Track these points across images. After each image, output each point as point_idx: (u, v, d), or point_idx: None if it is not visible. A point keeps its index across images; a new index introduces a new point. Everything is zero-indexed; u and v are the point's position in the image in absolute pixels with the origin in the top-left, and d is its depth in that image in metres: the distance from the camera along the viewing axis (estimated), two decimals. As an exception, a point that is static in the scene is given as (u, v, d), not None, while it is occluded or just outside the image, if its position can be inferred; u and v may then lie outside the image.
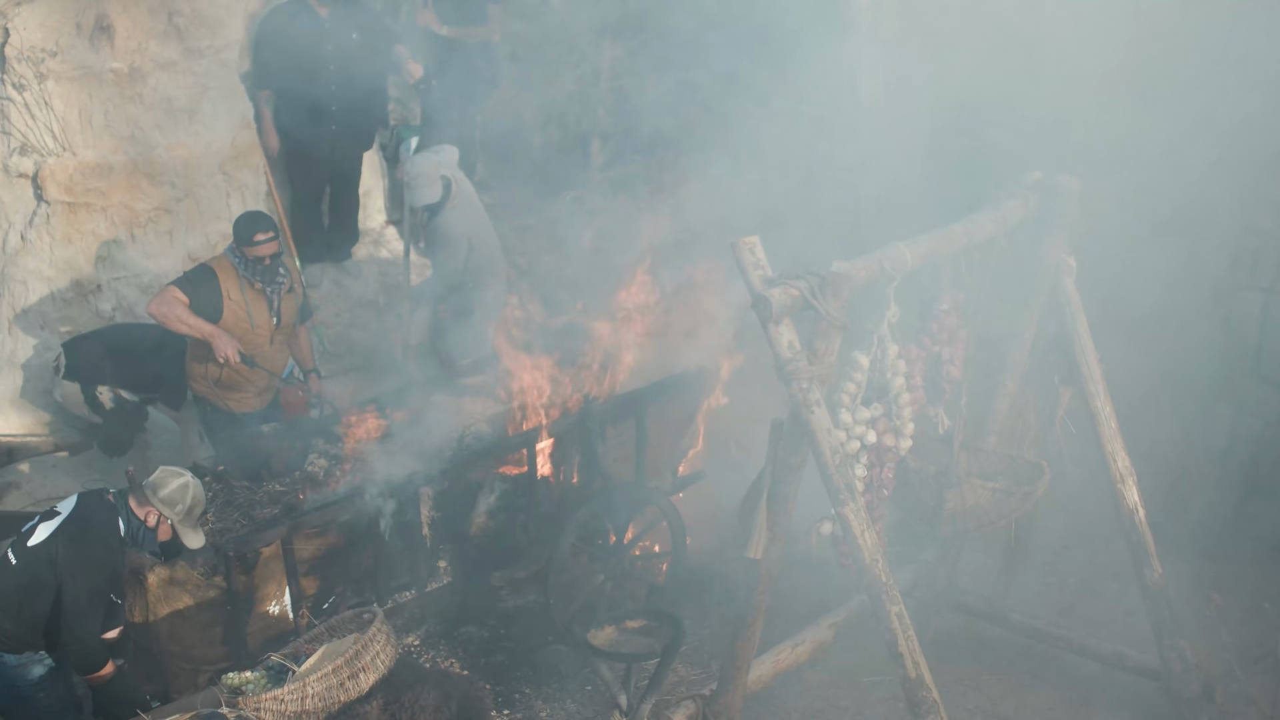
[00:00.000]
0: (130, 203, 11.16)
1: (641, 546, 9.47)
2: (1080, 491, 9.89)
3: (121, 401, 10.21)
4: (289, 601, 8.22)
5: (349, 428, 9.12)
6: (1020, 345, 8.16)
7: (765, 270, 6.74)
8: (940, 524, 7.65)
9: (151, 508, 7.46)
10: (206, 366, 9.64)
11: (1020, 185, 7.76)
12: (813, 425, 6.81)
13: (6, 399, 10.85)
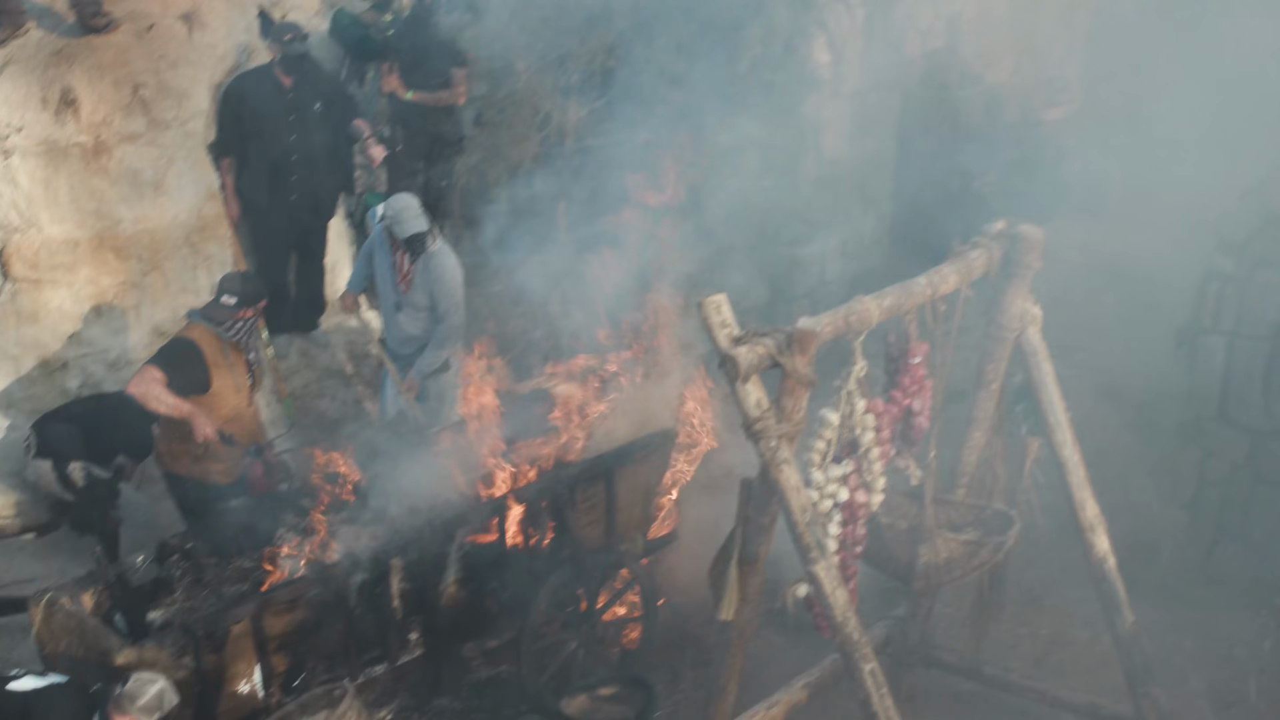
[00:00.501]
0: (96, 278, 11.13)
1: (613, 612, 9.44)
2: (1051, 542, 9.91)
3: (94, 479, 10.15)
4: (259, 679, 8.16)
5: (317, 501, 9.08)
6: (987, 395, 8.17)
7: (732, 329, 6.75)
8: (914, 579, 7.64)
9: (130, 716, 7.34)
10: (186, 445, 9.61)
11: (984, 235, 7.79)
12: (782, 484, 6.81)
13: (-29, 481, 10.80)
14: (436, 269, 10.85)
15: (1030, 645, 9.73)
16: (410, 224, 10.64)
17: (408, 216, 10.66)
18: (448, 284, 10.91)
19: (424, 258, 10.81)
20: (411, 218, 10.66)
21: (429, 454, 9.68)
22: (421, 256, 10.80)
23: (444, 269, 10.87)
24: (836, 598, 6.91)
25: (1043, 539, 9.35)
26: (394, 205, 10.77)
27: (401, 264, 10.89)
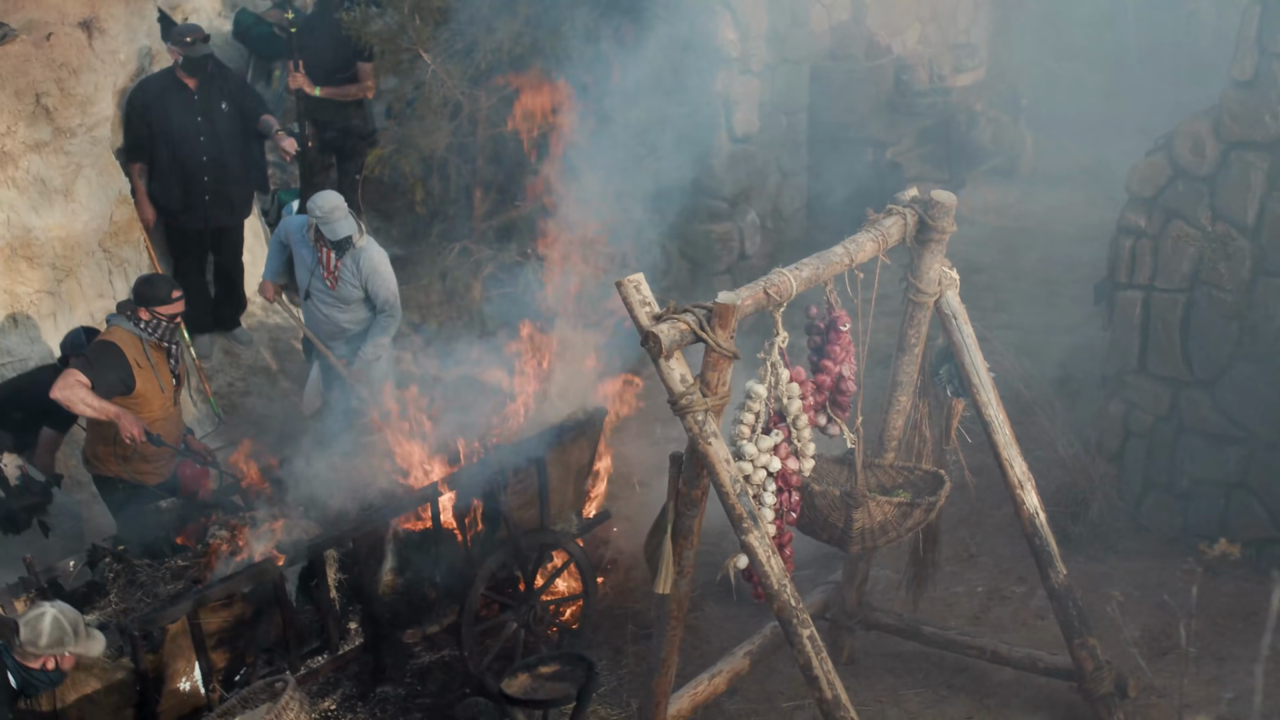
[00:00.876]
0: (10, 287, 11.02)
1: (551, 591, 9.46)
2: (981, 500, 10.03)
3: (27, 480, 10.05)
4: (199, 677, 8.12)
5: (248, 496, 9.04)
6: (910, 360, 8.23)
7: (652, 306, 6.77)
8: (850, 543, 7.70)
9: (46, 656, 7.16)
10: (112, 447, 9.56)
11: (897, 203, 7.84)
12: (711, 457, 6.84)
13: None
14: (368, 264, 10.84)
15: (967, 603, 9.83)
16: (340, 226, 10.60)
17: (337, 218, 10.62)
18: (382, 275, 10.93)
19: (352, 253, 10.77)
20: (340, 219, 10.62)
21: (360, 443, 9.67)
22: (349, 252, 10.76)
23: (375, 262, 10.88)
24: (772, 566, 6.95)
25: (973, 498, 9.47)
26: (322, 206, 10.69)
27: (328, 260, 10.83)
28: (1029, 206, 16.03)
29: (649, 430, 11.66)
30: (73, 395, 9.22)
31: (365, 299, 10.97)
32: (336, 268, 10.84)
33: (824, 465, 7.97)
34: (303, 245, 10.97)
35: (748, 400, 7.16)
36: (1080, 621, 8.28)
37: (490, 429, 9.64)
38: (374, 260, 10.86)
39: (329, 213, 10.61)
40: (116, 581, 8.50)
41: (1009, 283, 14.14)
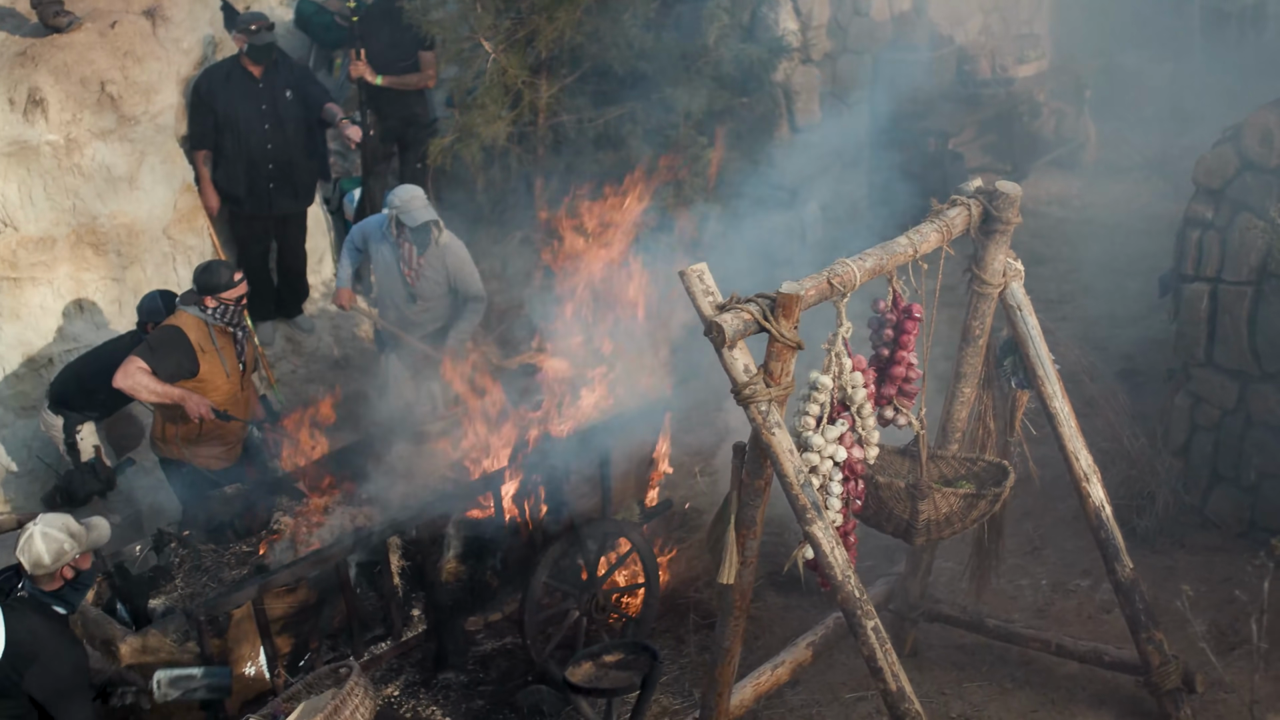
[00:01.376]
0: (76, 274, 11.12)
1: (614, 580, 9.46)
2: (1046, 493, 9.95)
3: (99, 462, 10.14)
4: (264, 661, 8.17)
5: (313, 483, 9.08)
6: (974, 351, 8.18)
7: (715, 296, 6.75)
8: (915, 535, 7.66)
9: (62, 568, 7.16)
10: (178, 428, 9.63)
11: (962, 194, 7.79)
12: (774, 447, 6.81)
13: (-35, 479, 10.80)
14: (454, 258, 10.95)
15: (1031, 595, 9.77)
16: (420, 213, 10.67)
17: (416, 206, 10.69)
18: (470, 267, 11.09)
19: (434, 250, 10.83)
20: (420, 207, 10.69)
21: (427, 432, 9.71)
22: (430, 249, 10.82)
23: (460, 256, 11.01)
24: (835, 556, 6.92)
25: (1037, 490, 9.40)
26: (400, 196, 10.76)
27: (410, 256, 10.88)
28: (1092, 198, 15.91)
29: (711, 419, 11.64)
30: (135, 383, 9.29)
31: (444, 295, 11.01)
32: (419, 264, 10.88)
33: (886, 457, 7.94)
34: (383, 242, 11.00)
35: (813, 391, 7.12)
36: (1146, 615, 8.21)
37: (552, 417, 9.64)
38: (459, 254, 10.96)
39: (407, 201, 10.67)
40: (182, 566, 8.56)
41: (1072, 275, 14.03)
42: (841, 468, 7.19)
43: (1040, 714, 8.61)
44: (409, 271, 10.88)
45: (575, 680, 6.96)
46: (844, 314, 7.06)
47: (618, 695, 6.91)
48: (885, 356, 7.60)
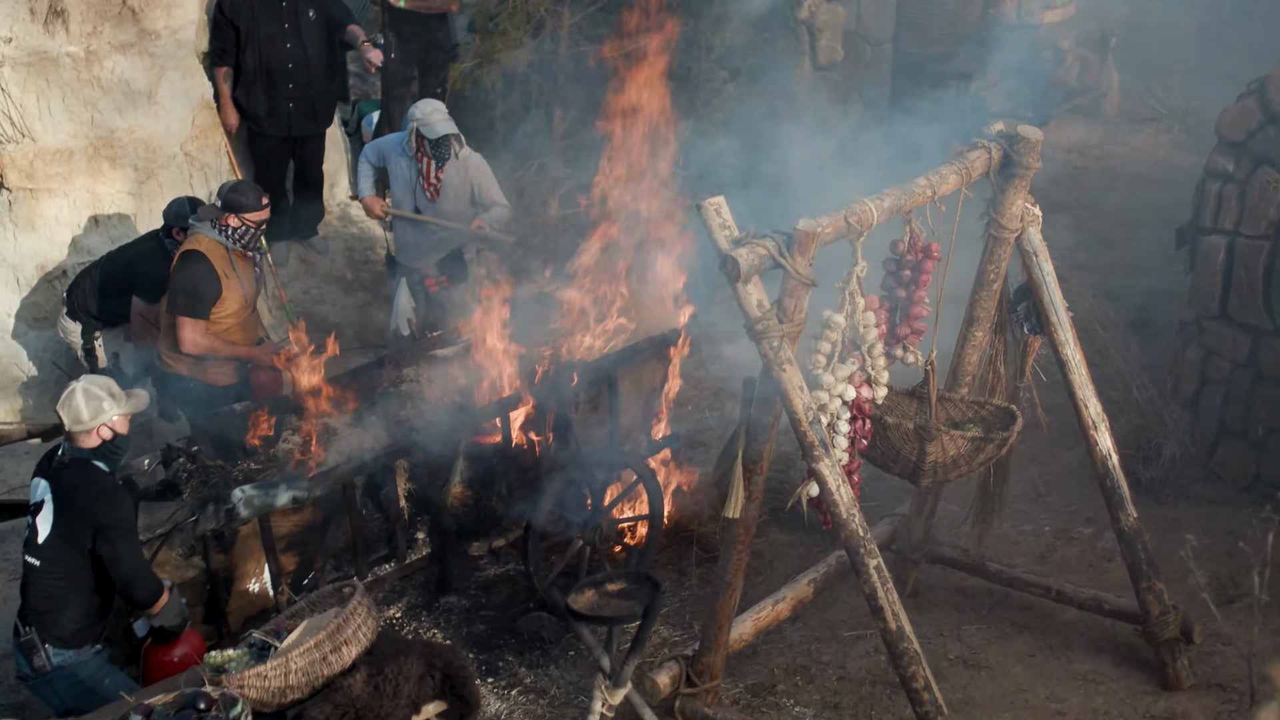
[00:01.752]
0: (92, 187, 11.11)
1: (619, 511, 9.48)
2: (1053, 440, 9.96)
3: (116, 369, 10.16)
4: (268, 579, 8.22)
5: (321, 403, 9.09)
6: (988, 295, 8.17)
7: (732, 230, 6.75)
8: (922, 476, 7.68)
9: (99, 426, 7.34)
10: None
11: (983, 136, 7.76)
12: (784, 383, 6.82)
13: (-24, 387, 10.83)
14: (476, 168, 11.05)
15: (1034, 541, 9.79)
16: (440, 126, 10.70)
17: (437, 119, 10.72)
18: (490, 178, 11.14)
19: (455, 164, 10.85)
20: (441, 120, 10.72)
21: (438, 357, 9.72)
22: (451, 163, 10.83)
23: (482, 168, 11.11)
24: (841, 494, 6.94)
25: (1045, 437, 9.40)
26: (422, 109, 10.78)
27: (428, 172, 10.89)
28: (1113, 147, 15.84)
29: (720, 354, 11.65)
30: (209, 347, 9.44)
31: (465, 210, 11.04)
32: (438, 178, 10.89)
33: (895, 398, 7.95)
34: (401, 157, 11.01)
35: (826, 330, 7.12)
36: (1148, 565, 8.24)
37: (562, 346, 9.65)
38: (481, 166, 11.06)
39: (428, 114, 10.71)
40: (190, 482, 8.57)
41: (1089, 223, 13.99)
42: (849, 406, 7.20)
43: (1038, 658, 8.65)
44: (428, 187, 10.90)
45: (577, 607, 7.00)
46: (860, 253, 7.05)
47: (619, 624, 6.96)
48: (902, 296, 7.59)
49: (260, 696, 6.25)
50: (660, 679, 7.97)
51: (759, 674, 8.69)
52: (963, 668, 8.60)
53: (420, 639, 8.62)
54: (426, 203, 10.98)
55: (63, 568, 7.33)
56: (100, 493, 7.27)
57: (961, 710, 8.11)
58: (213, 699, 6.12)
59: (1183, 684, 8.26)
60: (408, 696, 6.36)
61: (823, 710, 8.34)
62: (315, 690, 6.35)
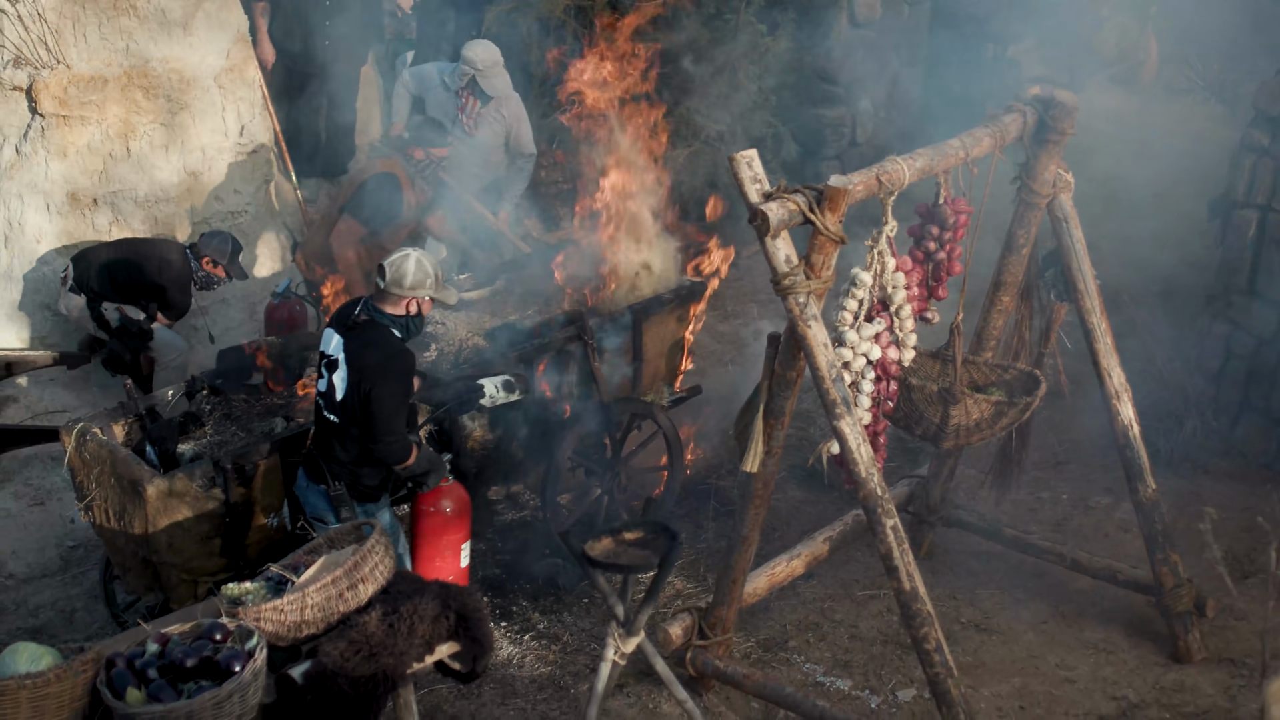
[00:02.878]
0: (125, 116, 11.10)
1: (638, 461, 9.50)
2: (1075, 408, 9.94)
3: (127, 320, 10.19)
4: (287, 514, 8.26)
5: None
6: (1017, 260, 8.14)
7: (763, 184, 6.72)
8: (944, 439, 7.68)
9: (409, 298, 7.60)
10: None
11: (1018, 100, 7.72)
12: (810, 340, 6.81)
13: (4, 313, 10.84)
14: (513, 112, 11.15)
15: (1051, 509, 9.80)
16: (498, 83, 10.77)
17: (497, 74, 10.78)
18: (524, 122, 11.27)
19: (495, 101, 10.88)
20: (499, 75, 10.78)
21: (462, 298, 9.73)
22: (493, 99, 10.87)
23: (520, 111, 11.22)
24: (861, 453, 6.94)
25: (1066, 405, 9.38)
26: (484, 59, 10.81)
27: (471, 107, 10.94)
28: (1148, 117, 15.73)
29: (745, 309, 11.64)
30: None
31: (499, 146, 11.07)
32: (479, 114, 10.95)
33: (919, 359, 7.93)
34: (443, 91, 11.04)
35: (852, 287, 7.11)
36: (1164, 537, 8.24)
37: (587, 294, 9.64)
38: (517, 109, 11.06)
39: (490, 66, 10.79)
40: (212, 414, 8.62)
41: (1120, 192, 13.90)
42: (874, 366, 7.20)
43: (1049, 625, 8.67)
44: (467, 120, 10.95)
45: (593, 555, 7.01)
46: (889, 212, 7.02)
47: (635, 573, 6.97)
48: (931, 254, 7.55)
49: (276, 630, 6.28)
50: (673, 630, 8.02)
51: (771, 629, 8.72)
52: (974, 631, 8.62)
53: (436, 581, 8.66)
54: (463, 135, 11.02)
55: (356, 426, 7.64)
56: (389, 355, 7.59)
57: (971, 673, 8.13)
58: (229, 630, 6.15)
59: (1194, 657, 8.28)
60: (422, 636, 6.39)
61: (833, 668, 8.37)
62: (330, 626, 6.38)
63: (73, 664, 5.72)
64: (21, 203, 10.80)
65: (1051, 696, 8.02)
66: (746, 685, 7.89)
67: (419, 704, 7.10)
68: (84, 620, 9.11)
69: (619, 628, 7.01)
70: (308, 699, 6.08)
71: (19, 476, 10.17)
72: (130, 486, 7.78)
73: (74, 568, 9.61)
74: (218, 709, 5.77)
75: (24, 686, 5.54)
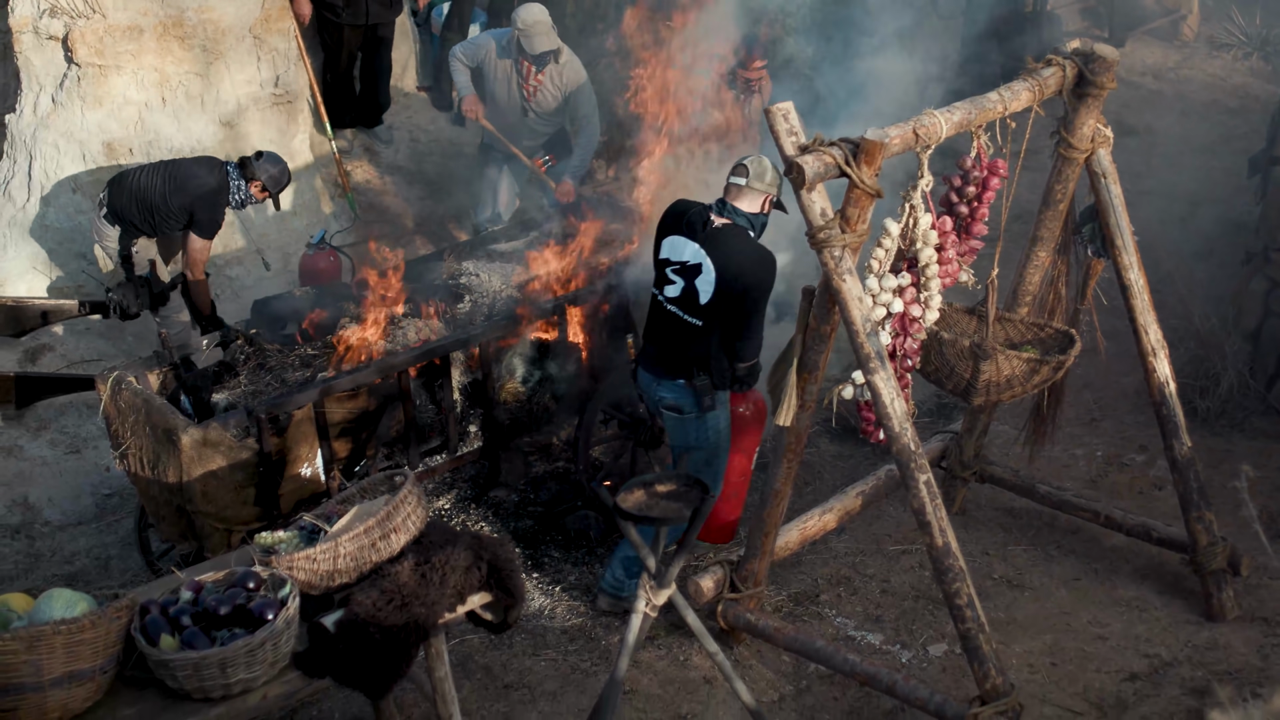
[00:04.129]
0: (160, 66, 11.10)
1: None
2: (1110, 365, 9.89)
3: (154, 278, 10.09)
4: (321, 464, 8.28)
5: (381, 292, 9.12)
6: (1054, 215, 8.07)
7: (799, 137, 6.68)
8: (974, 395, 7.65)
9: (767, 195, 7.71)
10: None
11: (1059, 54, 7.64)
12: (844, 293, 6.78)
13: (40, 262, 10.88)
14: (572, 76, 11.08)
15: (1085, 466, 9.76)
16: (539, 41, 10.72)
17: (539, 32, 10.73)
18: (586, 89, 11.19)
19: (553, 67, 10.87)
20: (542, 33, 10.74)
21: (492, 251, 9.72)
22: (551, 66, 10.85)
23: (580, 76, 11.12)
24: (895, 408, 6.91)
25: (1102, 362, 9.33)
26: (525, 20, 10.74)
27: (527, 72, 10.91)
28: (1188, 72, 15.61)
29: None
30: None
31: (558, 111, 11.06)
32: (537, 80, 10.93)
33: (953, 314, 7.90)
34: (503, 56, 11.02)
35: (880, 236, 7.07)
36: (1199, 495, 8.19)
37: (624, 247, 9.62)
38: (578, 74, 11.03)
39: (531, 26, 10.69)
40: (247, 364, 8.63)
41: (1159, 148, 13.82)
42: (893, 320, 7.14)
43: (1082, 582, 8.64)
44: (527, 86, 10.94)
45: (625, 506, 7.00)
46: (925, 166, 6.97)
47: (666, 525, 6.97)
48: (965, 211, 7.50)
49: (308, 579, 6.30)
50: (704, 583, 8.03)
51: (802, 583, 8.73)
52: (1006, 588, 8.60)
53: (468, 530, 8.69)
54: (523, 100, 11.02)
55: (717, 327, 7.75)
56: (760, 255, 7.67)
57: (1003, 629, 8.12)
58: (262, 579, 6.18)
59: (1227, 615, 8.24)
60: (454, 586, 6.40)
61: (864, 622, 8.37)
62: (363, 575, 6.39)
63: (107, 610, 5.75)
64: (57, 152, 10.84)
65: (1083, 653, 8.00)
66: (777, 639, 7.90)
67: (450, 654, 7.14)
68: (118, 567, 9.17)
69: (650, 580, 7.00)
70: (340, 647, 6.10)
71: (55, 424, 10.22)
72: (165, 435, 7.81)
73: (109, 515, 9.67)
74: (250, 656, 5.81)
75: (59, 632, 5.57)
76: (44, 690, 5.58)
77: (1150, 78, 15.39)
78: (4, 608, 5.89)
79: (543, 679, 8.00)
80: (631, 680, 7.81)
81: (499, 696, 7.87)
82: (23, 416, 10.12)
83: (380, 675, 6.16)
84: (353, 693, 7.16)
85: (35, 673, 5.54)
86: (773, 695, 7.81)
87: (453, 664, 7.04)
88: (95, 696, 5.79)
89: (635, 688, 7.84)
